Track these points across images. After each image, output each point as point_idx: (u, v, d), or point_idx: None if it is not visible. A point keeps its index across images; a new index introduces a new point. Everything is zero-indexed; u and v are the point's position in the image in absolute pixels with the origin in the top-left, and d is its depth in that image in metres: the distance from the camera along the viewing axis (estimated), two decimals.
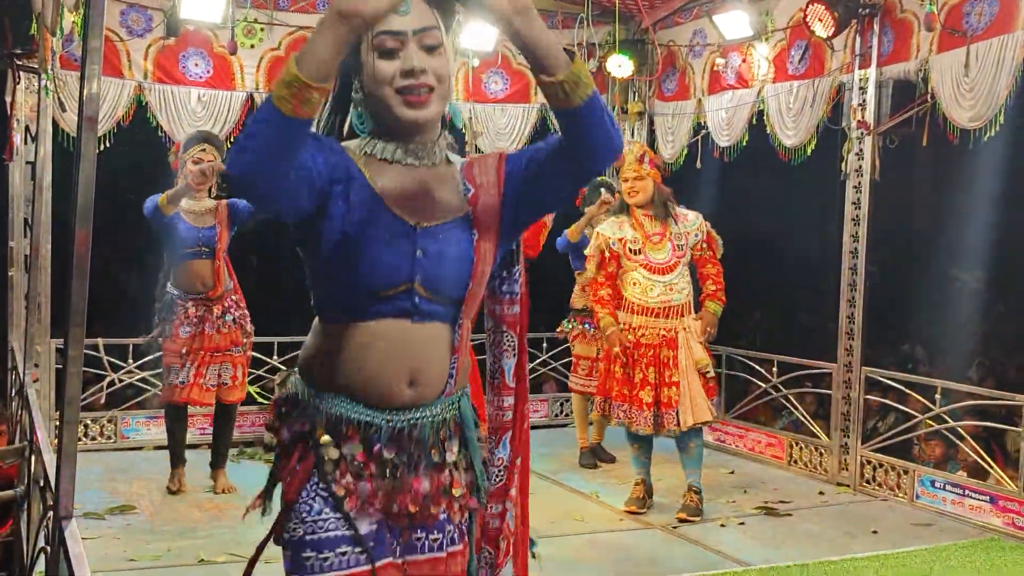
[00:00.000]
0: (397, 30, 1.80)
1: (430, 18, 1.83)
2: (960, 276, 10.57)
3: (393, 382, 1.86)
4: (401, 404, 1.87)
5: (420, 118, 1.84)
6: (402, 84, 1.81)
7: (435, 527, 1.92)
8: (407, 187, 1.86)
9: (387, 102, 1.83)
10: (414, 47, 1.80)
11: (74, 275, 2.09)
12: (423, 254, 1.83)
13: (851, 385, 6.20)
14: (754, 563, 4.72)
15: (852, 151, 6.17)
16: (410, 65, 1.80)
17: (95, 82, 2.05)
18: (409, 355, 1.86)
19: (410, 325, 1.85)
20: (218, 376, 5.59)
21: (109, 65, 6.42)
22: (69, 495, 2.24)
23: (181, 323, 5.49)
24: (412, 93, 1.81)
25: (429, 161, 1.90)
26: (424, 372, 1.88)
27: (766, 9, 6.73)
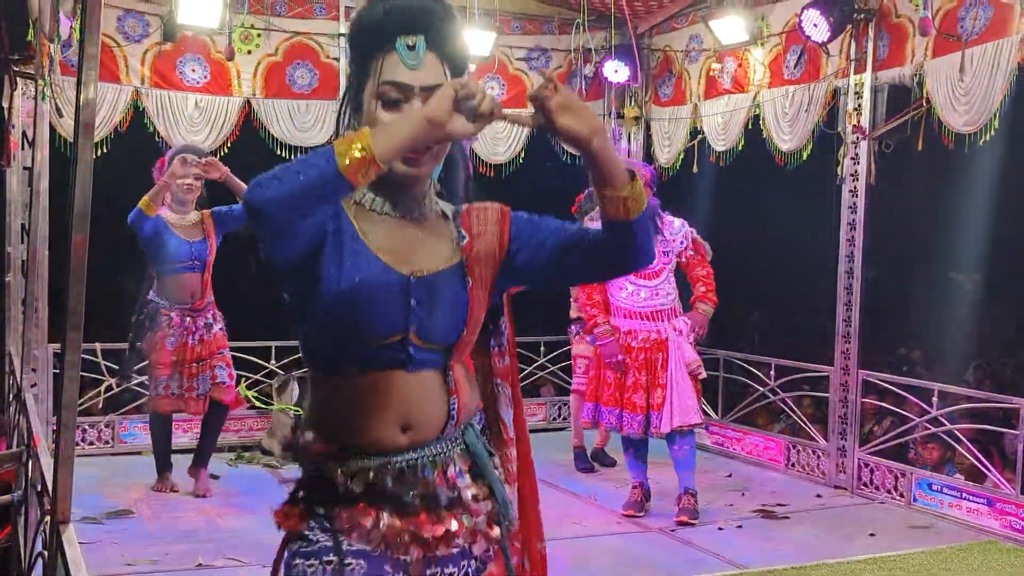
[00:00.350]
0: (404, 83, 1.78)
1: (439, 76, 1.81)
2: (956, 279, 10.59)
3: (386, 430, 1.83)
4: (396, 450, 1.84)
5: (414, 175, 1.81)
6: None
7: (450, 561, 1.88)
8: (398, 239, 1.84)
9: None
10: (418, 104, 1.77)
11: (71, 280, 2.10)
12: (417, 303, 1.81)
13: (848, 388, 6.21)
14: (752, 566, 4.72)
15: (848, 155, 6.19)
16: None
17: (92, 88, 2.06)
18: (403, 404, 1.83)
19: (404, 374, 1.82)
20: (213, 378, 5.62)
21: (106, 70, 6.43)
22: (66, 499, 2.24)
23: (166, 334, 5.54)
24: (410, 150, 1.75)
25: (420, 213, 1.88)
26: (417, 418, 1.84)
27: (762, 14, 6.75)
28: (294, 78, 7.06)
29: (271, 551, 2.02)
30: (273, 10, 6.98)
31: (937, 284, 10.50)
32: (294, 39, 7.05)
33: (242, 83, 6.91)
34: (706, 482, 6.30)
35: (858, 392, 6.17)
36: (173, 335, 5.54)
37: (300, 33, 7.06)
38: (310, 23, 7.11)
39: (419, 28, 1.78)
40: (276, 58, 7.01)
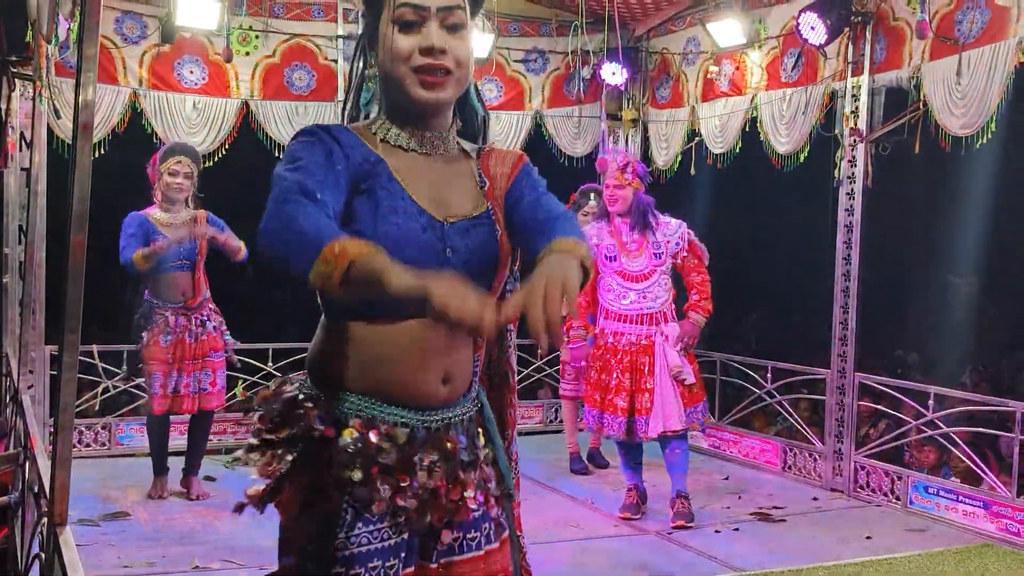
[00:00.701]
0: (419, 4, 1.72)
1: None
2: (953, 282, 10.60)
3: (428, 382, 1.78)
4: (436, 403, 1.80)
5: (435, 100, 1.75)
6: (420, 63, 1.73)
7: (471, 526, 1.86)
8: (429, 178, 1.79)
9: (403, 80, 1.75)
10: (436, 25, 1.72)
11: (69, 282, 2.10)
12: (452, 252, 1.77)
13: (845, 391, 6.21)
14: (748, 568, 4.73)
15: (845, 158, 6.20)
16: (430, 43, 1.72)
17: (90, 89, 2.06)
18: (441, 354, 1.79)
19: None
20: (198, 383, 5.64)
21: (104, 72, 6.43)
22: (63, 501, 2.24)
23: (161, 331, 5.56)
24: (429, 73, 1.73)
25: (444, 151, 1.84)
26: (455, 370, 1.82)
27: (759, 17, 6.76)
28: (292, 80, 7.06)
29: (268, 554, 2.02)
30: (271, 12, 6.98)
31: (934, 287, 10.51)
32: (292, 41, 7.05)
33: (240, 85, 6.91)
34: (702, 485, 6.31)
35: (855, 395, 6.17)
36: (168, 334, 5.55)
37: (298, 35, 7.06)
38: (308, 25, 7.11)
39: None
40: (274, 60, 7.01)
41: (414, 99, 1.74)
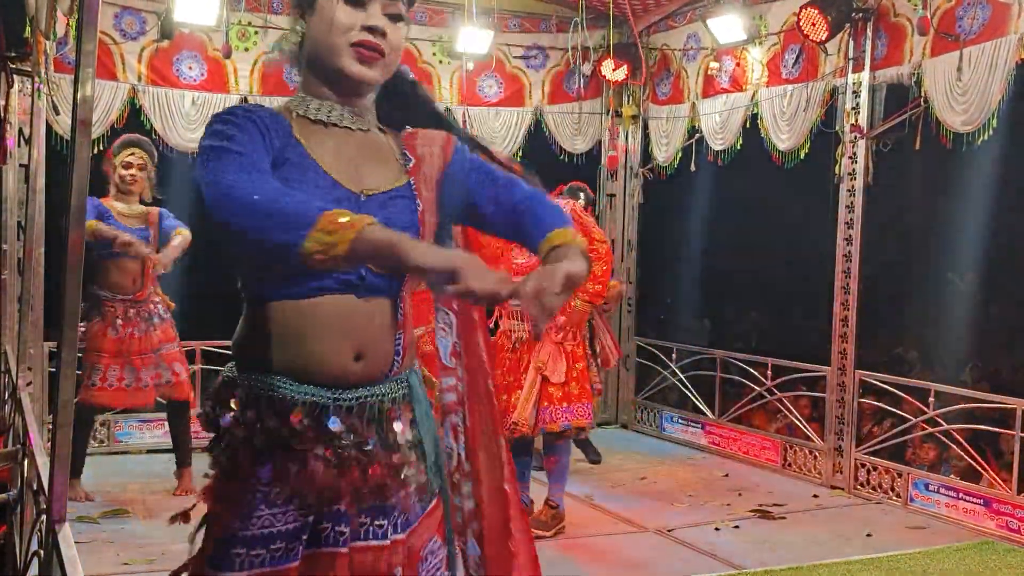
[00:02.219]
0: None
1: None
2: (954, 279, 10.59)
3: (340, 358, 1.77)
4: (348, 382, 1.78)
5: (365, 76, 1.79)
6: (359, 38, 1.77)
7: (380, 512, 1.82)
8: (345, 153, 1.81)
9: (337, 52, 1.78)
10: (378, 9, 1.78)
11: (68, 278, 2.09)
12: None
13: (845, 388, 6.21)
14: (748, 566, 4.72)
15: (846, 155, 6.19)
16: (374, 23, 1.77)
17: (89, 85, 2.05)
18: (355, 330, 1.77)
19: (355, 300, 1.77)
20: (159, 376, 5.56)
21: (103, 68, 6.42)
22: (62, 499, 2.23)
23: (108, 324, 5.49)
24: (366, 49, 1.77)
25: (364, 125, 1.86)
26: (370, 347, 1.80)
27: (760, 13, 6.74)
28: (292, 76, 6.98)
29: None
30: (270, 8, 6.97)
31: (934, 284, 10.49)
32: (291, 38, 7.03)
33: (239, 81, 6.90)
34: (703, 482, 6.31)
35: (855, 392, 6.17)
36: (114, 328, 5.49)
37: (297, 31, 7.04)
38: None
39: None
40: (273, 56, 6.99)
41: (345, 71, 1.78)
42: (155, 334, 5.57)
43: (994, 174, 8.72)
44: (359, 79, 1.80)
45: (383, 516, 1.82)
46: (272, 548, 1.74)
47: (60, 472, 2.21)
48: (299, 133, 1.80)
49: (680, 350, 7.82)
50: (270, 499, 1.74)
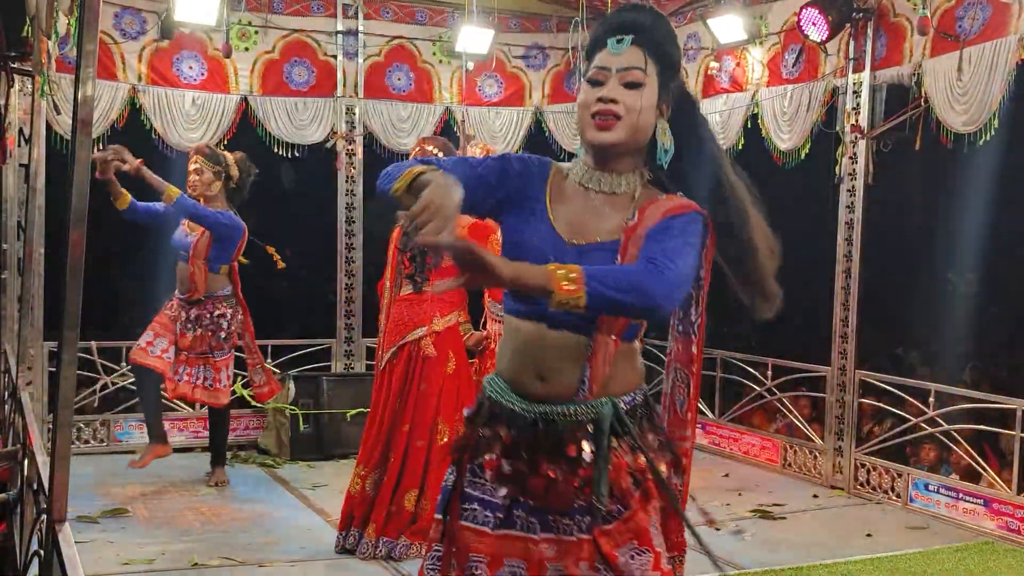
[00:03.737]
0: (603, 65, 2.08)
1: (638, 60, 2.08)
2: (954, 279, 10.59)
3: (525, 375, 2.10)
4: (534, 396, 2.09)
5: (605, 141, 2.07)
6: (595, 109, 2.07)
7: (567, 514, 2.07)
8: (580, 208, 2.12)
9: (584, 124, 2.10)
10: (615, 82, 2.06)
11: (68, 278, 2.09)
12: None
13: (845, 388, 6.21)
14: (748, 566, 4.72)
15: (846, 155, 6.19)
16: (603, 94, 2.06)
17: (90, 84, 2.05)
18: (539, 355, 2.09)
19: (544, 329, 2.06)
20: (203, 379, 5.72)
21: (103, 67, 6.42)
22: (63, 498, 2.23)
23: (166, 310, 5.78)
24: (602, 118, 2.06)
25: (610, 189, 2.12)
26: (552, 373, 2.08)
27: (760, 13, 6.74)
28: (291, 75, 7.06)
29: (266, 550, 2.01)
30: (270, 7, 6.97)
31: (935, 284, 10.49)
32: (291, 36, 7.04)
33: (239, 80, 6.90)
34: (703, 482, 6.30)
35: (855, 392, 6.17)
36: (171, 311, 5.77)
37: (297, 30, 7.05)
38: (308, 20, 7.10)
39: (628, 29, 2.10)
40: (273, 55, 7.00)
41: (590, 140, 2.10)
42: (197, 336, 5.70)
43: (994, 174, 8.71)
44: (600, 144, 2.08)
45: (569, 518, 2.07)
46: (473, 509, 2.12)
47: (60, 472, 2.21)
48: (552, 184, 2.16)
49: None
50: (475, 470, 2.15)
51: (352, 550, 4.63)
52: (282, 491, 5.93)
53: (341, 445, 6.64)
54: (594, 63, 2.10)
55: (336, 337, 7.42)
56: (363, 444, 4.79)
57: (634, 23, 2.10)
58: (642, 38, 2.09)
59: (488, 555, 2.08)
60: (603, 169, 2.12)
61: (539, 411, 2.09)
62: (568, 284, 1.84)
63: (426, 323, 4.71)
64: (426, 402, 4.65)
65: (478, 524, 2.11)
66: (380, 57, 7.31)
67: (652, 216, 2.06)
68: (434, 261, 4.58)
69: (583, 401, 2.08)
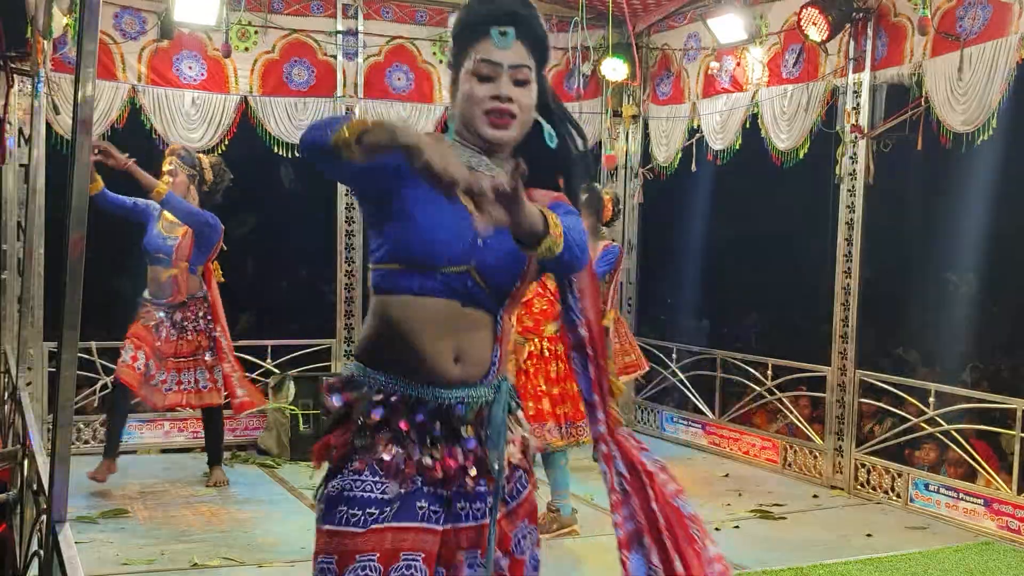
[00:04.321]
0: (492, 60, 2.06)
1: (524, 57, 2.08)
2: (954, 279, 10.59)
3: (441, 358, 2.03)
4: (448, 381, 2.04)
5: (501, 138, 2.07)
6: (490, 107, 2.05)
7: (477, 497, 2.07)
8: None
9: (475, 119, 2.07)
10: (507, 79, 2.06)
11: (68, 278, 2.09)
12: (483, 244, 2.03)
13: (845, 388, 6.21)
14: (749, 566, 4.72)
15: (846, 155, 6.19)
16: (498, 92, 2.05)
17: (89, 85, 2.05)
18: (456, 334, 2.04)
19: (459, 307, 2.03)
20: (196, 382, 5.72)
21: (103, 67, 6.41)
22: (62, 499, 2.23)
23: (142, 318, 5.70)
24: (498, 116, 2.05)
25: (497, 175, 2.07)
26: (468, 352, 2.05)
27: (760, 13, 6.74)
28: (291, 75, 7.05)
29: (266, 550, 2.01)
30: (270, 7, 6.97)
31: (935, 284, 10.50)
32: (291, 36, 7.04)
33: (239, 80, 6.90)
34: (703, 482, 6.30)
35: (855, 392, 6.17)
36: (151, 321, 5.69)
37: (297, 30, 7.05)
38: (307, 20, 7.10)
39: (510, 21, 2.07)
40: (273, 55, 7.00)
41: (483, 136, 2.08)
42: (188, 340, 5.71)
43: (994, 174, 8.72)
44: (496, 141, 2.08)
45: (480, 500, 2.07)
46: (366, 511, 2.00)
47: (60, 472, 2.21)
48: None
49: (680, 350, 7.82)
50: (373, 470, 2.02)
51: None
52: (282, 491, 5.93)
53: None
54: (477, 54, 2.06)
55: (336, 337, 7.42)
56: None
57: (516, 16, 2.08)
58: (524, 31, 2.09)
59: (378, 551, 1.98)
60: (488, 155, 2.11)
61: (453, 396, 2.05)
62: (555, 230, 1.87)
63: None
64: None
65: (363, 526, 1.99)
66: (380, 57, 7.31)
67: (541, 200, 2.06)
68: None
69: (488, 383, 2.09)
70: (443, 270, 2.01)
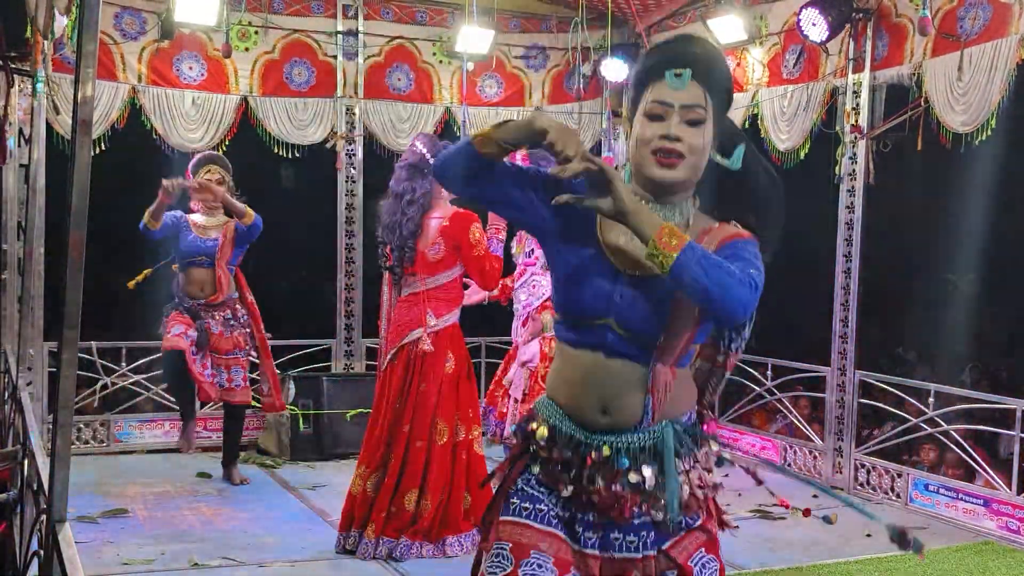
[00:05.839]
0: (664, 100, 2.05)
1: (699, 97, 2.05)
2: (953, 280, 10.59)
3: (587, 409, 2.10)
4: (598, 427, 2.09)
5: (667, 178, 2.05)
6: (657, 146, 2.04)
7: (630, 530, 2.10)
8: (630, 238, 2.05)
9: (644, 160, 2.07)
10: (677, 119, 2.04)
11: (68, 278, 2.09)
12: (620, 297, 2.05)
13: (845, 388, 6.21)
14: (749, 567, 4.72)
15: (846, 155, 6.19)
16: (667, 131, 2.04)
17: (90, 85, 2.05)
18: (600, 386, 2.08)
19: (602, 359, 2.07)
20: (230, 380, 5.79)
21: (103, 68, 6.41)
22: (62, 498, 2.23)
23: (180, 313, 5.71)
24: (665, 155, 2.04)
25: (667, 218, 2.08)
26: (615, 403, 2.08)
27: (760, 13, 6.74)
28: (292, 76, 7.06)
29: (266, 550, 2.01)
30: (271, 7, 6.97)
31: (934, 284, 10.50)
32: (292, 37, 7.04)
33: (239, 80, 6.90)
34: None
35: (855, 392, 6.17)
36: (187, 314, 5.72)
37: (298, 31, 7.05)
38: (308, 20, 7.10)
39: (688, 63, 2.06)
40: (273, 56, 7.00)
41: (651, 176, 2.07)
42: (228, 338, 5.76)
43: (994, 174, 8.72)
44: (662, 181, 2.06)
45: (634, 534, 2.11)
46: (537, 508, 2.12)
47: (60, 472, 2.21)
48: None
49: None
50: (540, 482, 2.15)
51: (352, 550, 4.63)
52: (282, 491, 5.93)
53: (341, 445, 6.64)
54: (651, 96, 2.06)
55: (336, 337, 7.42)
56: (365, 445, 4.80)
57: (694, 57, 2.06)
58: (701, 73, 2.06)
59: (551, 554, 2.08)
60: (656, 199, 2.10)
61: (601, 441, 2.10)
62: (668, 240, 1.89)
63: (422, 323, 4.71)
64: (425, 401, 4.65)
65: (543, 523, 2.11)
66: (380, 57, 7.31)
67: (710, 244, 2.06)
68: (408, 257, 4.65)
69: (645, 429, 2.10)
70: (587, 323, 2.06)
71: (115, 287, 9.93)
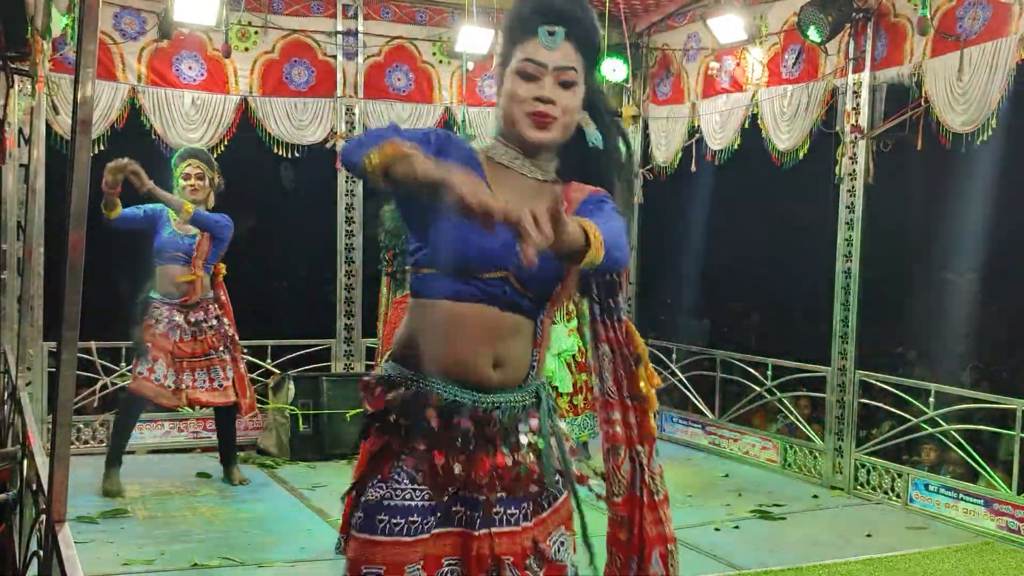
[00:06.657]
0: (537, 60, 2.03)
1: (572, 58, 2.05)
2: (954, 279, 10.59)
3: (480, 363, 2.01)
4: (487, 386, 2.02)
5: (542, 139, 2.06)
6: (531, 108, 2.03)
7: (511, 502, 2.05)
8: (518, 192, 2.05)
9: (518, 119, 2.05)
10: (551, 80, 2.03)
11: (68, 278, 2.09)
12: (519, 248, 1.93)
13: (845, 388, 6.21)
14: (749, 567, 4.72)
15: (846, 155, 6.19)
16: (541, 94, 2.03)
17: (89, 85, 2.04)
18: (495, 339, 2.02)
19: (497, 312, 2.01)
20: (211, 380, 5.73)
21: (102, 68, 6.41)
22: (62, 499, 2.23)
23: (157, 321, 5.65)
24: (540, 117, 2.03)
25: (540, 175, 2.11)
26: (508, 357, 2.03)
27: (760, 13, 6.74)
28: (291, 75, 7.05)
29: (266, 551, 2.01)
30: (270, 7, 6.97)
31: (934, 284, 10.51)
32: (291, 36, 7.04)
33: (239, 80, 6.90)
34: (703, 482, 6.30)
35: (855, 392, 6.17)
36: (163, 325, 5.66)
37: (297, 31, 7.05)
38: (307, 20, 7.10)
39: (560, 20, 2.04)
40: (273, 55, 7.00)
41: (525, 137, 2.06)
42: (201, 340, 5.71)
43: (994, 174, 8.72)
44: (538, 142, 2.06)
45: (515, 506, 2.06)
46: (409, 520, 1.98)
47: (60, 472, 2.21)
48: (486, 168, 2.09)
49: (680, 350, 7.82)
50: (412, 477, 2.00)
51: None
52: (282, 491, 5.93)
53: (341, 445, 6.63)
54: (523, 53, 2.04)
55: (336, 337, 7.42)
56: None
57: (568, 15, 2.04)
58: (573, 32, 2.04)
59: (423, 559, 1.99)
60: (527, 156, 2.10)
61: (491, 401, 2.03)
62: (596, 241, 1.83)
63: None
64: None
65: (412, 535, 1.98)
66: (380, 57, 7.31)
67: (575, 200, 2.08)
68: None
69: (527, 385, 2.08)
70: (481, 276, 1.98)
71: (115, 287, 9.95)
